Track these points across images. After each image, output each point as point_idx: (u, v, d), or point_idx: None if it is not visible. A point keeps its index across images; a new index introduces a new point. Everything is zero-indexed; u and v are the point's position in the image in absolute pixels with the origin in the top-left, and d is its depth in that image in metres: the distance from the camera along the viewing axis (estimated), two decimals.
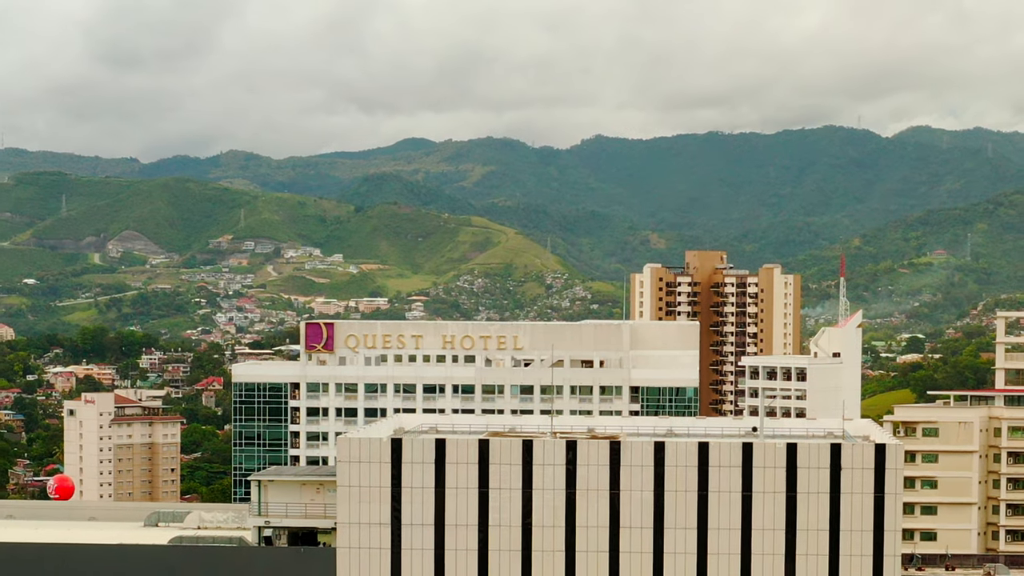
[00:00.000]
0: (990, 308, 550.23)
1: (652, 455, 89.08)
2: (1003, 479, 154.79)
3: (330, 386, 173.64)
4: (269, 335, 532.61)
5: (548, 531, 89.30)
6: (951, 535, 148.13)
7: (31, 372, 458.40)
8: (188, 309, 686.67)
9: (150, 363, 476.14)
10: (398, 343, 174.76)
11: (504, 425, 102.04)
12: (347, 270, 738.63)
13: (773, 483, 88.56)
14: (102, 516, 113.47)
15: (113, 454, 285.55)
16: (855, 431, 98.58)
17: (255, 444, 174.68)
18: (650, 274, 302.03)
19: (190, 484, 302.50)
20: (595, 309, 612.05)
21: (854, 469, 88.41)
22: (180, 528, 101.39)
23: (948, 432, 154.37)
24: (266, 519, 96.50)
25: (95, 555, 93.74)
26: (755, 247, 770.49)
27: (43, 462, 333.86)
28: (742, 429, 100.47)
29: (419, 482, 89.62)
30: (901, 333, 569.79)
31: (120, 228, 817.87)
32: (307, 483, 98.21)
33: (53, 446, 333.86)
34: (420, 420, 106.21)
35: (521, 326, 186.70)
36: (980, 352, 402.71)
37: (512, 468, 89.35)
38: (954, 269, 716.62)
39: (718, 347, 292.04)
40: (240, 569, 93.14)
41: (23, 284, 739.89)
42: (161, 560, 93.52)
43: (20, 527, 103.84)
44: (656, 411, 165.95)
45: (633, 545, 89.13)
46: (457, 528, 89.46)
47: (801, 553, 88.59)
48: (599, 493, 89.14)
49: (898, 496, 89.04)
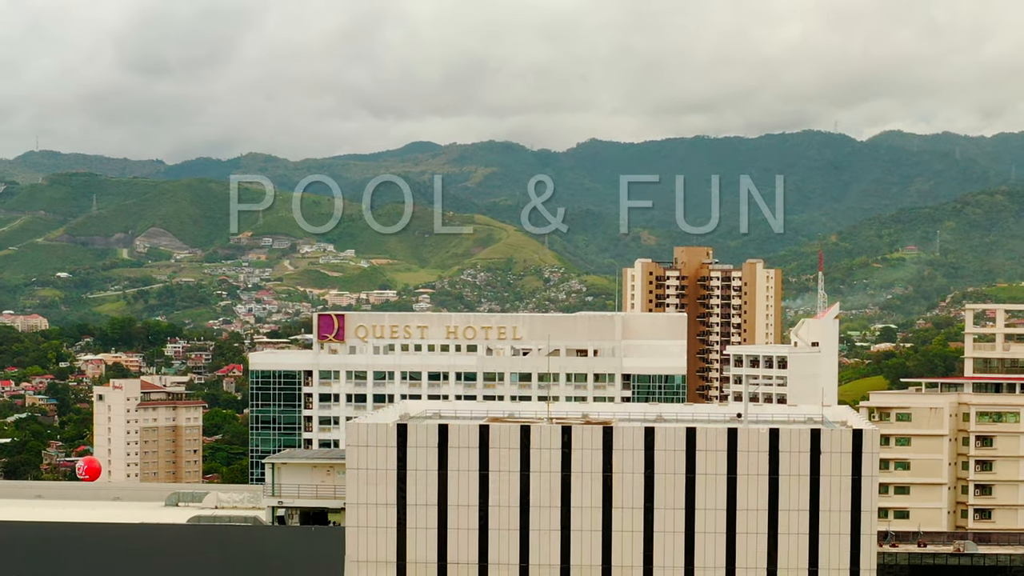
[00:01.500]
0: (958, 300, 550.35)
1: (643, 439, 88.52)
2: (971, 461, 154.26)
3: (341, 373, 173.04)
4: (286, 325, 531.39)
5: (545, 511, 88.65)
6: (923, 513, 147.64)
7: (63, 359, 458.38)
8: (210, 301, 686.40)
9: (174, 351, 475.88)
10: (405, 333, 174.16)
11: (503, 411, 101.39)
12: (358, 264, 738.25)
13: (756, 466, 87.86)
14: (126, 496, 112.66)
15: (139, 436, 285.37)
16: (833, 417, 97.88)
17: (271, 428, 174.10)
18: (641, 269, 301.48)
19: (211, 464, 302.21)
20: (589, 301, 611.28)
21: (833, 453, 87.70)
22: (198, 508, 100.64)
23: (920, 417, 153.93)
24: (279, 499, 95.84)
25: (118, 533, 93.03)
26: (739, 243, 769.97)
27: (74, 444, 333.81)
28: (727, 415, 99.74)
29: (423, 465, 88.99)
30: (875, 323, 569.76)
31: (147, 225, 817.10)
32: (318, 465, 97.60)
33: (84, 429, 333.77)
34: (424, 406, 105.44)
35: (520, 317, 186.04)
36: (948, 341, 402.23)
37: (511, 452, 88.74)
38: (924, 264, 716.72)
39: (704, 337, 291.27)
40: (254, 547, 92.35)
41: (56, 277, 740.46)
42: (180, 538, 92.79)
43: (48, 506, 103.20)
44: (646, 397, 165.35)
45: (625, 524, 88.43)
46: (459, 508, 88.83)
47: (783, 532, 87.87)
48: (593, 475, 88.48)
49: (874, 478, 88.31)
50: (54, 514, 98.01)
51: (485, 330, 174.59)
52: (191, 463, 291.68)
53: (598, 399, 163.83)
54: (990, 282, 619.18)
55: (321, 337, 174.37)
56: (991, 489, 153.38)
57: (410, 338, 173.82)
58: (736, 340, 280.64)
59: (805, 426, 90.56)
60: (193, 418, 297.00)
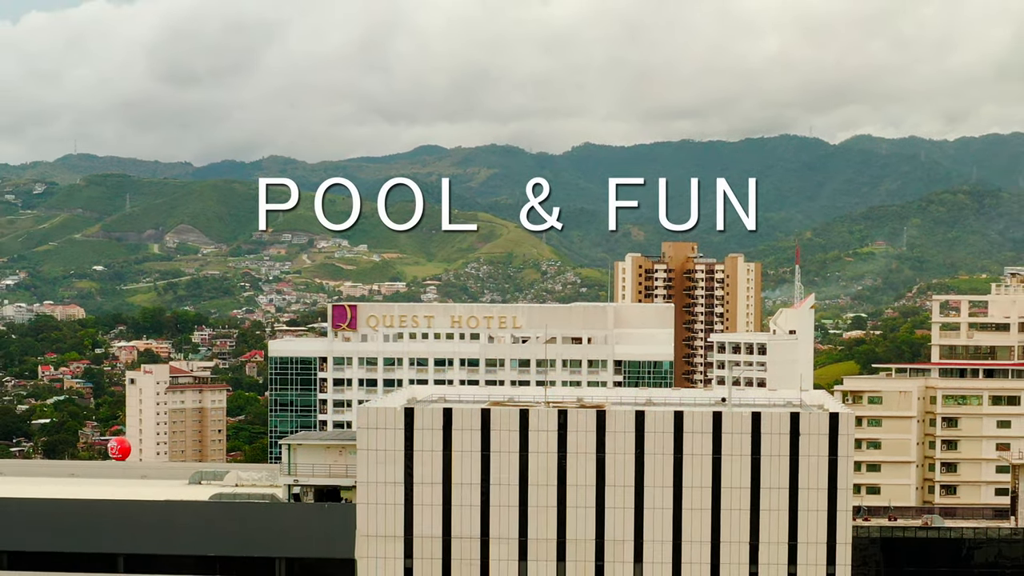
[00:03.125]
0: (923, 291, 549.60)
1: (633, 422, 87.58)
2: (938, 441, 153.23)
3: (353, 360, 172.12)
4: (304, 314, 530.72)
5: (542, 489, 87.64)
6: (893, 489, 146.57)
7: (99, 346, 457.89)
8: (234, 292, 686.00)
9: (201, 338, 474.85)
10: (412, 322, 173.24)
11: (504, 396, 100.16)
12: (371, 258, 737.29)
13: (740, 447, 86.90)
14: (153, 475, 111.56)
15: (168, 417, 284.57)
16: (811, 401, 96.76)
17: (288, 410, 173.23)
18: (631, 262, 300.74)
19: (235, 443, 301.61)
20: (584, 292, 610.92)
21: (811, 435, 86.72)
22: (220, 486, 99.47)
23: (890, 400, 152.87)
24: (295, 478, 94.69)
25: (144, 510, 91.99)
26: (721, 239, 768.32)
27: (108, 424, 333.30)
28: (712, 399, 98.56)
29: (429, 446, 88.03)
30: (847, 313, 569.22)
31: (176, 222, 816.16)
32: (331, 446, 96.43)
33: (117, 410, 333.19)
34: (430, 391, 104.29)
35: (519, 308, 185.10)
36: (915, 329, 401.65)
37: (511, 434, 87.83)
38: (892, 258, 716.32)
39: (690, 325, 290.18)
40: (271, 522, 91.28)
41: (93, 270, 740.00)
42: (202, 514, 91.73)
43: (80, 485, 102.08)
44: (637, 382, 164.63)
45: (617, 501, 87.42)
46: (462, 486, 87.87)
47: (764, 508, 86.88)
48: (587, 456, 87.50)
49: (849, 459, 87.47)
50: (86, 492, 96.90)
51: (487, 319, 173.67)
52: (216, 442, 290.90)
53: (592, 384, 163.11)
54: (953, 274, 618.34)
55: (335, 326, 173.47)
56: (956, 467, 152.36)
57: (417, 327, 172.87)
58: (719, 328, 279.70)
59: (785, 410, 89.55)
60: (218, 400, 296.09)
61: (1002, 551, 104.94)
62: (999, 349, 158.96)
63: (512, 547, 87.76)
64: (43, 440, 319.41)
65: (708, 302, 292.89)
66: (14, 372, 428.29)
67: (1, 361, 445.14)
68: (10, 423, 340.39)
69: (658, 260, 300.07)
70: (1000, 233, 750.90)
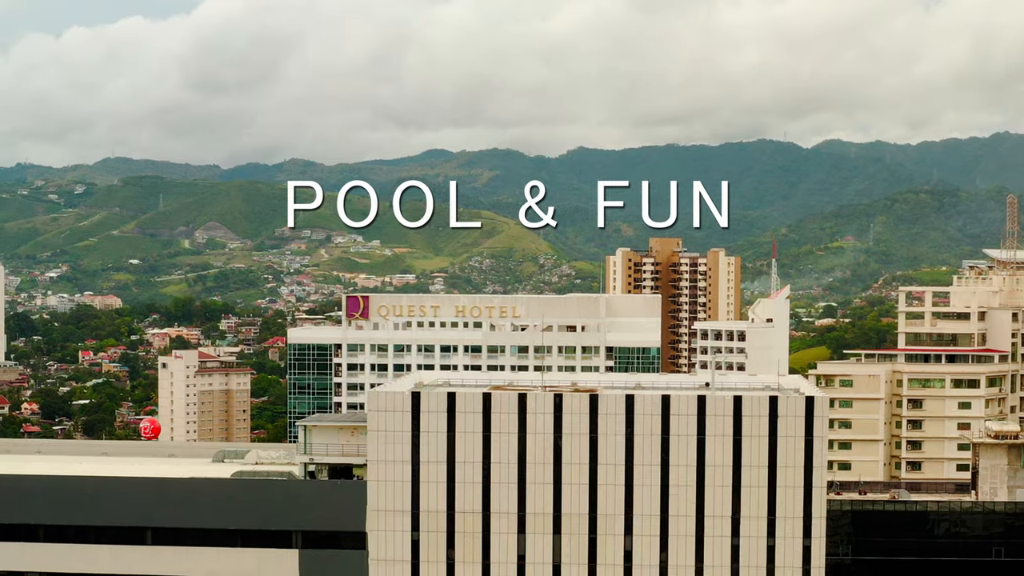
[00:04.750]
0: (888, 283, 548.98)
1: (624, 405, 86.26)
2: (904, 420, 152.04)
3: (366, 346, 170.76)
4: (322, 304, 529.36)
5: (539, 467, 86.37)
6: (862, 465, 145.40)
7: (134, 333, 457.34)
8: (258, 283, 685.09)
9: (228, 326, 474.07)
10: (420, 312, 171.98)
11: (504, 380, 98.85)
12: (383, 253, 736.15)
13: (723, 428, 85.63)
14: (179, 453, 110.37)
15: (197, 399, 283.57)
16: (788, 385, 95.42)
17: (306, 392, 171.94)
18: (621, 256, 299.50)
19: (258, 422, 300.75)
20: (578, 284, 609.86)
21: (788, 417, 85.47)
22: (241, 464, 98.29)
23: (860, 383, 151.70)
24: (310, 457, 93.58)
25: (170, 486, 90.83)
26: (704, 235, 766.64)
27: (142, 404, 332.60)
28: (697, 383, 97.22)
29: (434, 427, 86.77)
30: (819, 302, 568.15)
31: (205, 220, 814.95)
32: (344, 427, 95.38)
33: (150, 392, 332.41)
34: (436, 376, 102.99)
35: (518, 298, 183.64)
36: (881, 317, 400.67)
37: (510, 416, 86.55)
38: (860, 252, 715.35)
39: (675, 314, 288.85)
40: (289, 498, 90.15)
41: (129, 264, 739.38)
42: (224, 490, 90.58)
43: (112, 463, 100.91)
44: (627, 367, 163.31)
45: (608, 478, 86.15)
46: (465, 464, 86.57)
47: (745, 485, 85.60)
48: (581, 436, 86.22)
49: (824, 439, 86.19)
50: (117, 469, 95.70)
51: (489, 309, 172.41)
52: (241, 421, 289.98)
53: (585, 369, 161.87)
54: (915, 267, 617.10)
55: (349, 315, 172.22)
56: (920, 444, 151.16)
57: (425, 316, 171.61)
58: (702, 317, 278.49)
59: (764, 393, 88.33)
60: (243, 383, 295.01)
61: (963, 523, 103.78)
62: (960, 336, 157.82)
63: (511, 521, 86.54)
64: (83, 419, 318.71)
65: (692, 293, 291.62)
66: (57, 357, 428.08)
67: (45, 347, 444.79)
68: (53, 404, 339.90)
69: (646, 254, 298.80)
70: (959, 229, 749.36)
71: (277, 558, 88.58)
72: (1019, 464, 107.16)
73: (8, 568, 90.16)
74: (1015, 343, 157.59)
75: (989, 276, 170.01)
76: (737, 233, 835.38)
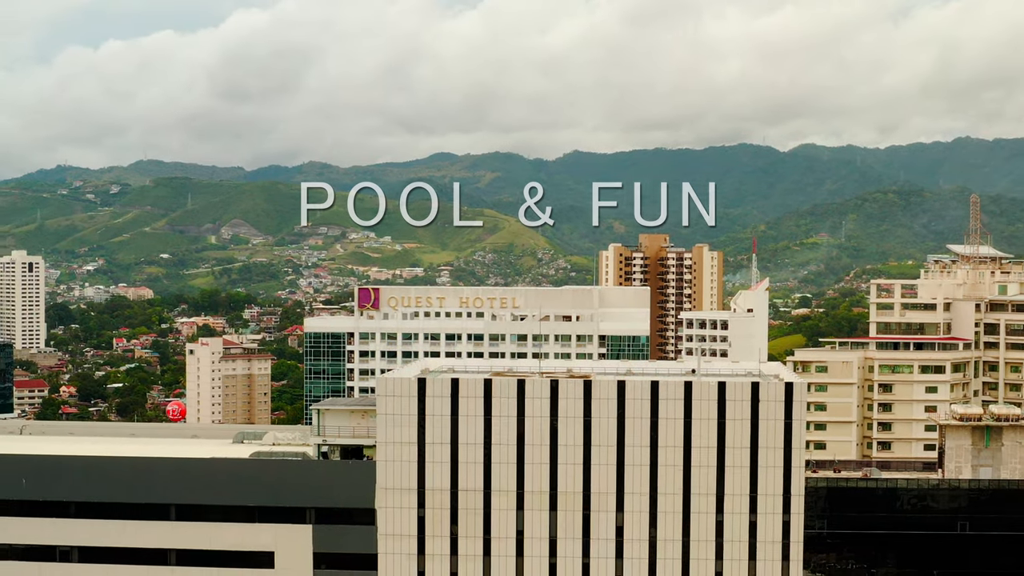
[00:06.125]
0: (859, 275, 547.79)
1: (616, 390, 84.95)
2: (875, 404, 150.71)
3: (376, 335, 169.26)
4: (337, 295, 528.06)
5: (537, 448, 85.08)
6: (837, 445, 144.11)
7: (164, 322, 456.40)
8: (279, 276, 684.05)
9: (250, 315, 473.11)
10: (427, 303, 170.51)
11: (504, 367, 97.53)
12: (394, 248, 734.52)
13: (708, 412, 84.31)
14: (202, 435, 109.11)
15: (221, 383, 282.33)
16: (768, 371, 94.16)
17: (321, 377, 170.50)
18: (613, 251, 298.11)
19: (278, 404, 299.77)
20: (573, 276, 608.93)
21: (769, 401, 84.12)
22: (259, 445, 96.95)
23: (834, 369, 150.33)
24: (323, 438, 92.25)
25: (193, 465, 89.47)
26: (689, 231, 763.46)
27: (171, 388, 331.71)
28: (684, 370, 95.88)
29: (439, 411, 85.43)
30: (795, 293, 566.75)
31: (230, 217, 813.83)
32: (355, 410, 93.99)
33: (179, 376, 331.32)
34: (440, 363, 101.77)
35: (518, 290, 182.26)
36: (852, 307, 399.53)
37: (509, 400, 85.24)
38: (833, 247, 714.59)
39: (663, 305, 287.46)
40: (303, 477, 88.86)
41: (160, 258, 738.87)
42: (242, 470, 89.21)
43: (139, 444, 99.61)
44: (618, 355, 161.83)
45: (601, 459, 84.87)
46: (467, 446, 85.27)
47: (729, 465, 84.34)
48: (575, 419, 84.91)
49: (802, 422, 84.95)
50: (144, 449, 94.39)
51: (490, 300, 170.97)
52: (262, 403, 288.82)
53: (580, 356, 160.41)
54: (884, 261, 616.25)
55: (360, 306, 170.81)
56: (891, 426, 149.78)
57: (431, 306, 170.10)
58: (688, 307, 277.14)
59: (747, 379, 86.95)
60: (264, 368, 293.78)
61: (930, 498, 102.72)
62: (927, 326, 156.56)
63: (511, 498, 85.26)
64: (116, 401, 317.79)
65: (678, 285, 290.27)
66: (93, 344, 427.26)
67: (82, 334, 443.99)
68: (89, 387, 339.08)
69: (636, 249, 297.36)
70: (924, 226, 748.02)
71: (292, 533, 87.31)
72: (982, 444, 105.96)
73: (42, 542, 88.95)
74: (978, 332, 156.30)
75: (953, 270, 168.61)
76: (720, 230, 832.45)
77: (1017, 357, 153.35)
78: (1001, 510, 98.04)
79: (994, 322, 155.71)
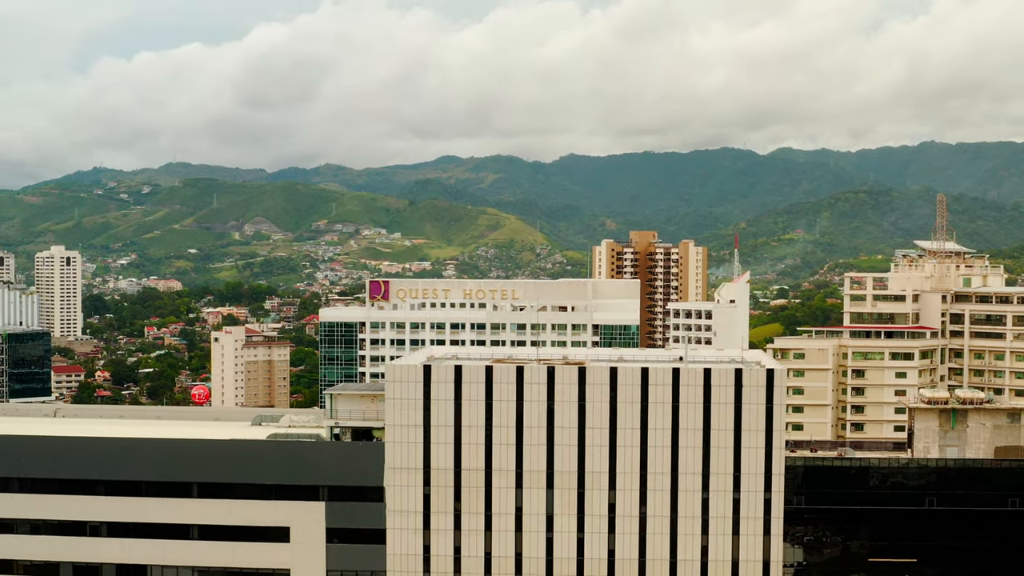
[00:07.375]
0: (832, 269, 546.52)
1: (608, 376, 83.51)
2: (849, 388, 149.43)
3: (386, 324, 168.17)
4: (352, 287, 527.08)
5: (535, 430, 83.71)
6: (813, 427, 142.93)
7: (192, 312, 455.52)
8: (297, 269, 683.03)
9: (271, 306, 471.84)
10: (433, 294, 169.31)
11: (504, 354, 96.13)
12: (404, 243, 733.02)
13: (695, 396, 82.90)
14: (223, 417, 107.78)
15: (244, 368, 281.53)
16: (751, 358, 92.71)
17: (335, 364, 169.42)
18: (606, 247, 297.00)
19: (296, 388, 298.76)
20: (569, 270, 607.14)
21: (752, 387, 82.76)
22: (276, 427, 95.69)
23: (811, 355, 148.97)
24: (336, 421, 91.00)
25: (214, 446, 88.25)
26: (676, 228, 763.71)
27: (198, 372, 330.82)
28: (672, 357, 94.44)
29: (443, 396, 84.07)
30: (773, 285, 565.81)
31: (252, 215, 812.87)
32: (365, 395, 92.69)
33: (205, 362, 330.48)
34: (445, 351, 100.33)
35: (517, 283, 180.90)
36: (826, 298, 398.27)
37: (509, 386, 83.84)
38: (808, 243, 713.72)
39: (652, 296, 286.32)
40: (317, 457, 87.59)
41: (188, 253, 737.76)
42: (260, 450, 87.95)
43: (164, 426, 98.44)
44: (610, 343, 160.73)
45: (594, 440, 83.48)
46: (470, 428, 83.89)
47: (714, 446, 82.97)
48: (570, 403, 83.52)
49: (782, 406, 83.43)
50: (167, 432, 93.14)
51: (492, 292, 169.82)
52: (281, 387, 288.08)
53: (575, 344, 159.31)
54: (855, 256, 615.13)
55: (372, 297, 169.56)
56: (863, 409, 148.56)
57: (437, 298, 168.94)
58: (674, 299, 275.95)
59: (731, 366, 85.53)
60: (283, 355, 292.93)
61: (900, 476, 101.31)
62: (897, 315, 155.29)
63: (510, 477, 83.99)
64: (147, 385, 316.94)
65: (666, 278, 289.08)
66: (126, 332, 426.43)
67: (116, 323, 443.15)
68: (122, 372, 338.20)
69: (627, 245, 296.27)
70: (892, 224, 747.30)
71: (306, 510, 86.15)
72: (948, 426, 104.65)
73: (72, 518, 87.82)
74: (944, 321, 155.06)
75: (921, 264, 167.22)
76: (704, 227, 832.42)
77: (980, 345, 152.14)
78: (966, 487, 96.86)
79: (959, 312, 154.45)
